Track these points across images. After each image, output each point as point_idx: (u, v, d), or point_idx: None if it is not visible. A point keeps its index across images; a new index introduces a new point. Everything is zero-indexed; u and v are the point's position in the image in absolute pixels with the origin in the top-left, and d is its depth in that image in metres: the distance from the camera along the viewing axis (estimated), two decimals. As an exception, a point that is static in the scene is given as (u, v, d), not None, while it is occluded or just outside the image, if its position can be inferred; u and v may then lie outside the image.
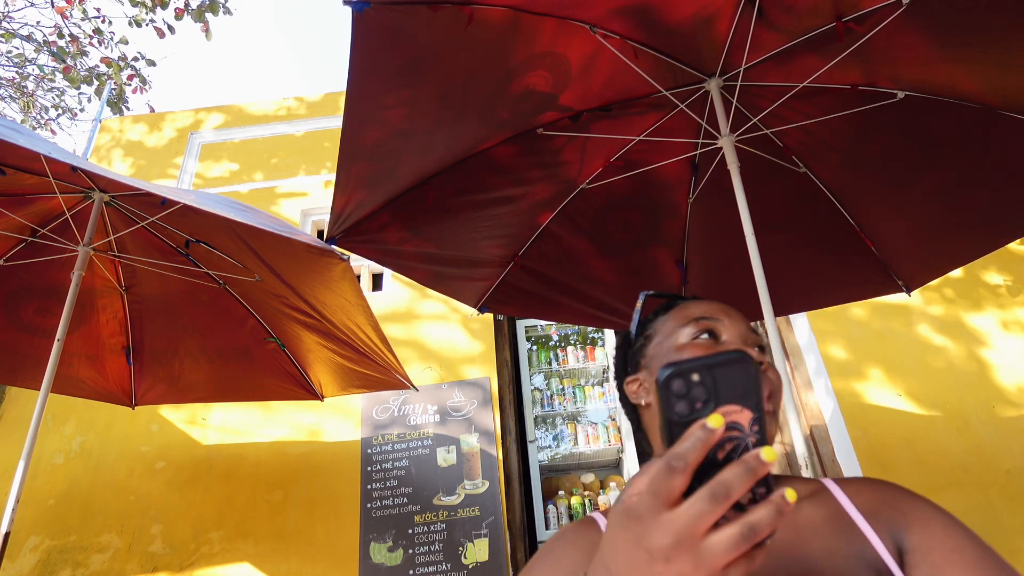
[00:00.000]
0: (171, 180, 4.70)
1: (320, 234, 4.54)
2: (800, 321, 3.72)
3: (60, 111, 6.87)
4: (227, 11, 5.94)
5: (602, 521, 0.71)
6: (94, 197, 2.32)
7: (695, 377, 0.39)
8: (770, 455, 0.36)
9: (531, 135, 2.00)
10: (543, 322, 4.77)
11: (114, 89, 6.14)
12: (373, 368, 2.70)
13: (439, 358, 3.76)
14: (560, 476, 4.61)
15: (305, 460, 3.45)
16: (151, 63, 6.34)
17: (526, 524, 3.46)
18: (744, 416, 0.39)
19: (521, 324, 4.66)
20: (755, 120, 2.03)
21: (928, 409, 3.37)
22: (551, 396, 4.83)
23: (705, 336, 0.73)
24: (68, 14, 5.90)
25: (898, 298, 3.51)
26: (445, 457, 3.41)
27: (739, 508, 0.37)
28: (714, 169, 2.20)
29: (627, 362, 0.82)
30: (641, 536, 0.38)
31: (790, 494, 0.37)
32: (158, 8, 5.74)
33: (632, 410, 0.81)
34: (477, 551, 3.13)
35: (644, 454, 0.69)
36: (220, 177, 4.70)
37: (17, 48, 6.25)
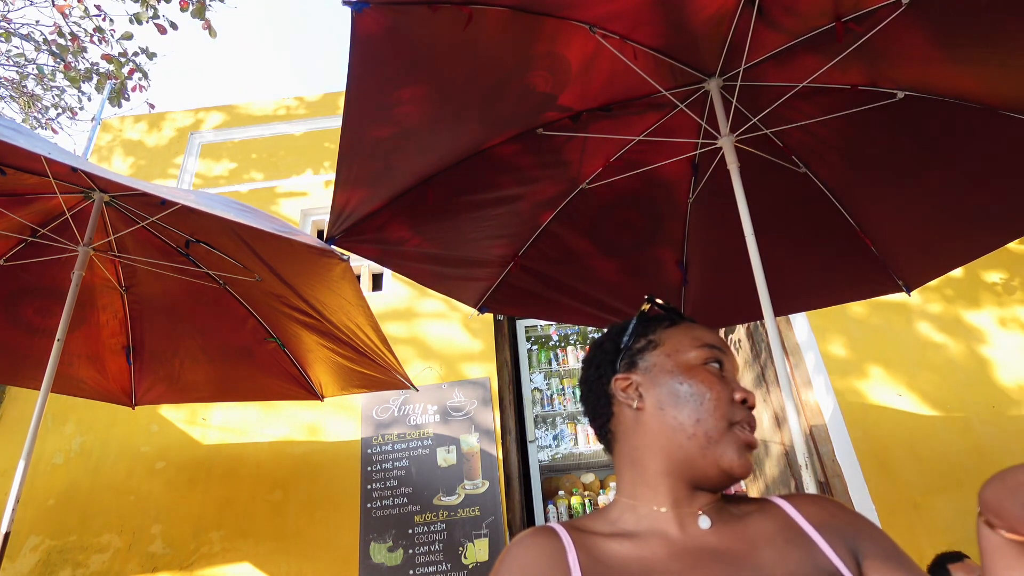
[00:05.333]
0: (171, 180, 4.70)
1: (320, 234, 4.54)
2: (799, 319, 3.72)
3: (60, 110, 6.86)
4: None
5: (562, 531, 0.70)
6: (94, 197, 2.32)
7: None
8: None
9: (531, 135, 2.00)
10: (543, 322, 4.78)
11: (115, 83, 6.12)
12: (373, 368, 2.70)
13: (439, 358, 3.76)
14: (560, 476, 4.61)
15: (305, 460, 3.45)
16: (152, 55, 6.31)
17: (526, 524, 3.46)
18: None
19: (521, 324, 4.66)
20: (755, 120, 2.03)
21: (928, 409, 3.37)
22: (551, 396, 4.83)
23: (715, 365, 0.76)
24: (68, 13, 5.89)
25: (897, 296, 3.51)
26: (445, 457, 3.41)
27: None
28: (714, 169, 2.20)
29: (618, 358, 0.80)
30: None
31: None
32: (161, 3, 5.72)
33: (606, 405, 0.80)
34: (477, 551, 3.13)
35: (622, 456, 0.64)
36: (220, 177, 4.70)
37: (17, 48, 6.24)
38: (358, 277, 4.12)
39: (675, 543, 0.68)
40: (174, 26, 5.87)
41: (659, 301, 0.85)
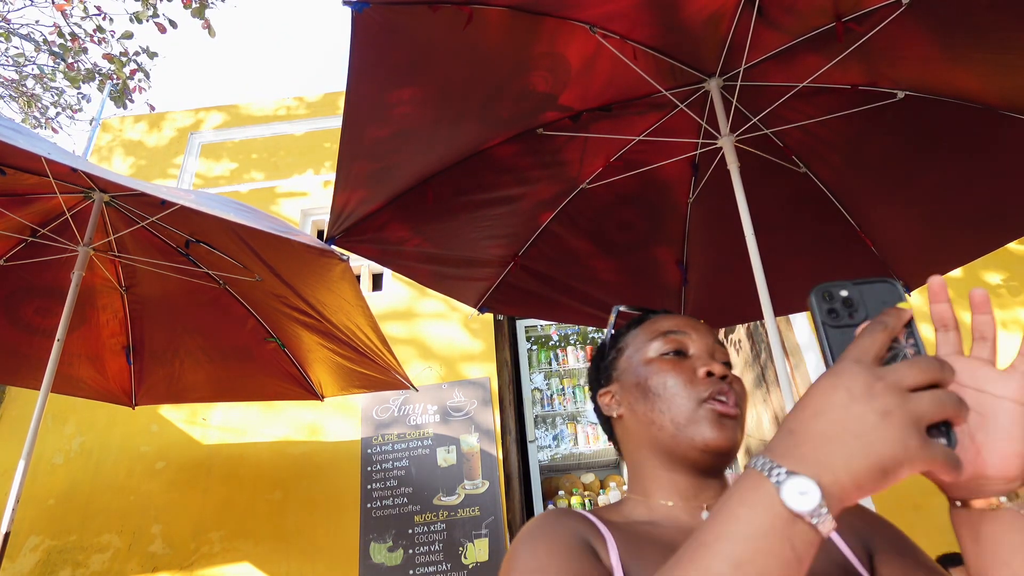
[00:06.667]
0: (171, 180, 4.70)
1: (320, 234, 4.54)
2: (799, 319, 3.72)
3: (59, 110, 6.86)
4: None
5: (582, 511, 0.71)
6: (94, 197, 2.32)
7: (843, 293, 0.45)
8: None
9: (531, 135, 2.00)
10: (543, 322, 4.78)
11: (117, 84, 6.12)
12: (373, 368, 2.70)
13: (439, 358, 3.76)
14: (560, 476, 4.61)
15: (305, 460, 3.45)
16: (153, 55, 6.31)
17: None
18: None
19: (521, 324, 4.66)
20: (755, 120, 2.03)
21: (928, 409, 3.37)
22: (551, 396, 4.83)
23: (672, 353, 0.75)
24: (69, 13, 5.89)
25: (898, 298, 3.50)
26: (445, 457, 3.41)
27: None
28: (714, 169, 2.20)
29: (599, 374, 0.85)
30: (855, 377, 0.41)
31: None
32: (161, 1, 5.73)
33: (606, 420, 0.83)
34: (477, 551, 3.13)
35: (627, 462, 0.69)
36: (220, 177, 4.70)
37: (17, 48, 6.24)
38: (358, 277, 4.12)
39: (689, 534, 0.67)
40: (174, 24, 5.87)
41: (622, 308, 0.87)
